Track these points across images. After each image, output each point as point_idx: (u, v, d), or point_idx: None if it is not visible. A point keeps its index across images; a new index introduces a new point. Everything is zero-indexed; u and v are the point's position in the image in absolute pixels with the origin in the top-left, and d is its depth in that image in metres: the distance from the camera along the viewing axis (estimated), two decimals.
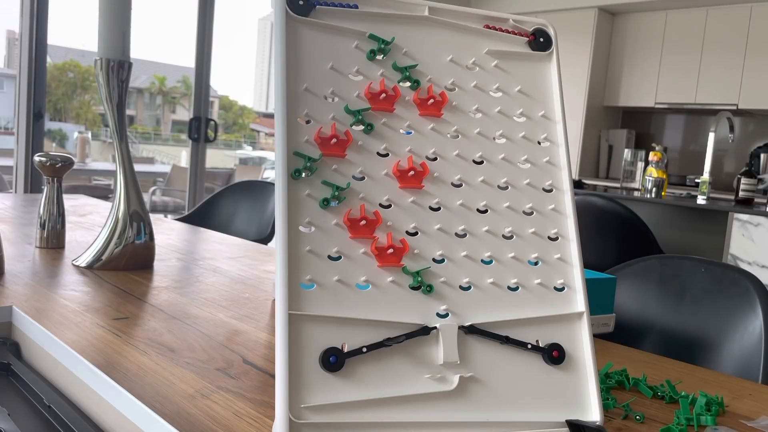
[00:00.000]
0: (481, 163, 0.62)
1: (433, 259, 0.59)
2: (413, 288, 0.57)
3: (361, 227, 0.57)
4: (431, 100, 0.61)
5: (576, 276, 0.62)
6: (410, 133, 0.60)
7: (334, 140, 0.57)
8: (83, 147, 5.93)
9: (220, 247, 1.50)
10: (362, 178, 0.58)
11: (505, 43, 0.65)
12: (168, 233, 1.63)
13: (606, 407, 0.70)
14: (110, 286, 1.06)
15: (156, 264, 1.25)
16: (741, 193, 3.23)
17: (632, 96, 5.44)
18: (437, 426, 0.55)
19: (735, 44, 4.89)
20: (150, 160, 9.94)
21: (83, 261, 1.18)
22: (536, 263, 0.62)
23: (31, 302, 0.92)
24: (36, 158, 1.30)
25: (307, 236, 0.55)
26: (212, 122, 4.16)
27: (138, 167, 1.26)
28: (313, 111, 0.57)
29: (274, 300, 0.89)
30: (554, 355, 0.59)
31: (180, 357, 0.76)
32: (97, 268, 1.17)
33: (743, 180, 3.22)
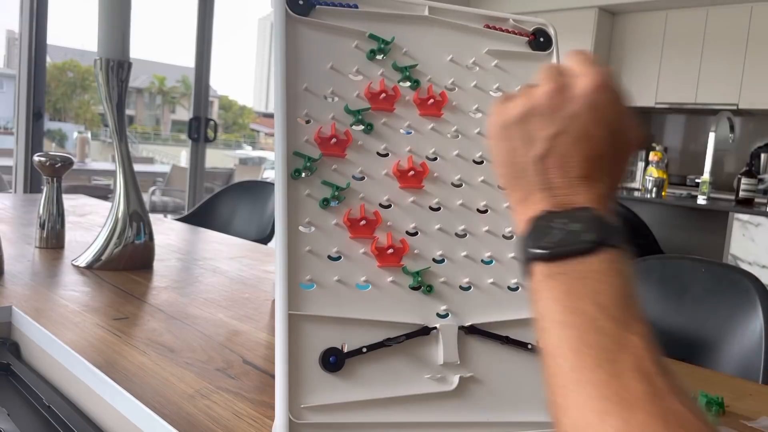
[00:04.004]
0: (481, 163, 0.62)
1: (433, 260, 0.59)
2: (413, 288, 0.57)
3: (361, 227, 0.56)
4: (431, 100, 0.61)
5: None
6: (410, 133, 0.60)
7: (334, 140, 0.57)
8: (83, 147, 5.93)
9: (220, 247, 1.50)
10: (362, 178, 0.58)
11: (505, 42, 0.65)
12: (168, 233, 1.63)
13: None
14: (110, 286, 1.06)
15: (156, 264, 1.25)
16: (741, 193, 3.23)
17: (632, 96, 5.43)
18: (437, 426, 0.54)
19: (735, 44, 4.89)
20: (150, 160, 9.94)
21: (83, 261, 1.18)
22: None
23: (31, 302, 0.92)
24: (36, 158, 1.30)
25: (307, 236, 0.55)
26: (212, 122, 4.16)
27: (138, 167, 1.26)
28: (313, 111, 0.57)
29: (274, 300, 0.89)
30: None
31: (180, 357, 0.76)
32: (97, 268, 1.17)
33: (743, 180, 3.22)
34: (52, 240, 1.31)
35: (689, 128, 5.58)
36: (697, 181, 4.65)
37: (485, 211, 0.61)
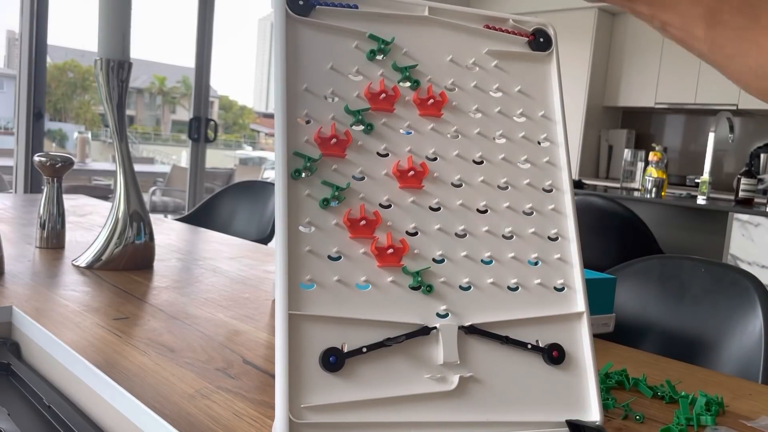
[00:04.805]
0: (481, 163, 0.62)
1: (433, 259, 0.59)
2: (413, 288, 0.57)
3: (361, 227, 0.57)
4: (431, 100, 0.61)
5: (576, 276, 0.62)
6: (410, 133, 0.60)
7: (334, 140, 0.57)
8: (83, 147, 5.94)
9: (220, 247, 1.50)
10: (362, 178, 0.58)
11: (505, 43, 0.65)
12: (168, 233, 1.63)
13: (606, 407, 0.70)
14: (110, 286, 1.06)
15: (156, 264, 1.25)
16: (741, 193, 3.23)
17: (632, 96, 5.44)
18: (437, 426, 0.55)
19: None
20: (150, 160, 9.94)
21: (83, 261, 1.18)
22: (536, 263, 0.62)
23: (31, 302, 0.92)
24: (36, 158, 1.30)
25: (307, 236, 0.55)
26: (212, 122, 4.16)
27: (138, 167, 1.26)
28: (313, 111, 0.57)
29: (274, 300, 0.89)
30: (554, 355, 0.59)
31: (180, 357, 0.76)
32: (97, 268, 1.17)
33: (743, 180, 3.22)
34: (53, 240, 1.31)
35: (689, 128, 5.58)
36: (696, 181, 4.65)
37: (485, 211, 0.61)
